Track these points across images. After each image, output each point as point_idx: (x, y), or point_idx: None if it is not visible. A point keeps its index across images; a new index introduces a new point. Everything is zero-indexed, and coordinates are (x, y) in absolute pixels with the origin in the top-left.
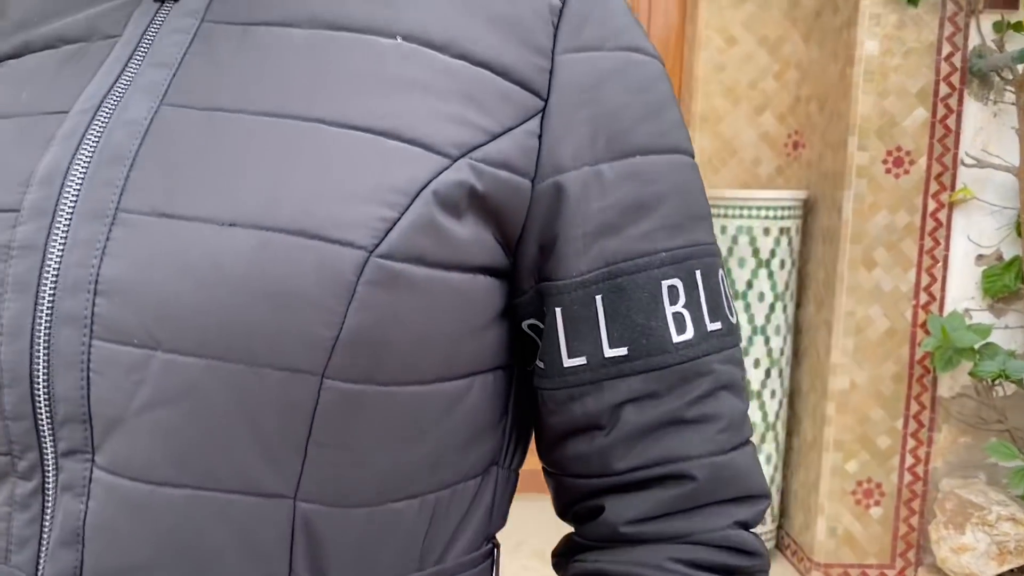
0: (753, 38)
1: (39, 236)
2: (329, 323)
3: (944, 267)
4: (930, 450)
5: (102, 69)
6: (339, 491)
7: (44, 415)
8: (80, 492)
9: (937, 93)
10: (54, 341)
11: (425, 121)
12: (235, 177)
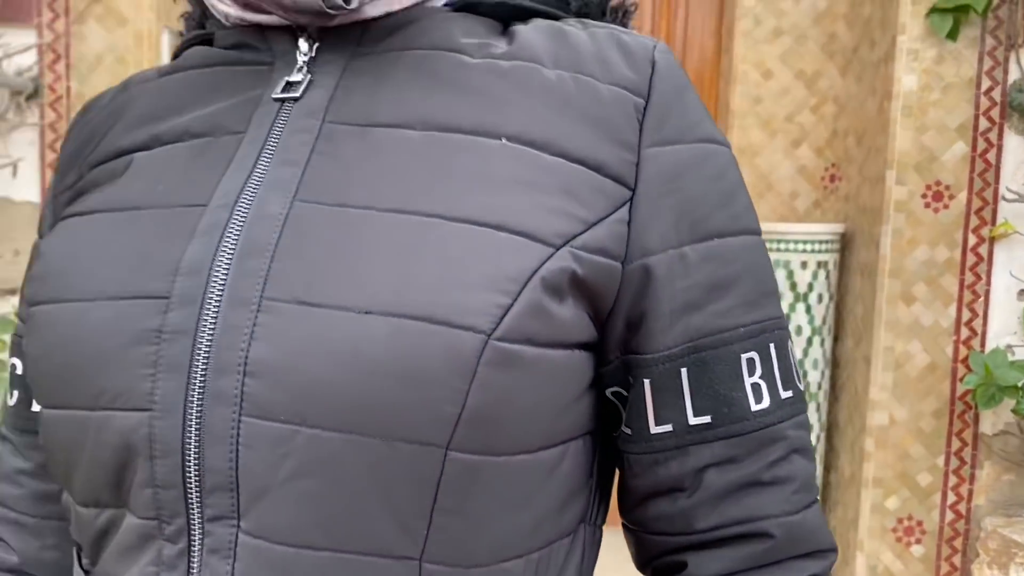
0: (790, 72)
1: (189, 322)
2: (453, 400)
3: (985, 302)
4: (972, 487)
5: (233, 165)
6: (458, 553)
7: (193, 484)
8: (227, 555)
9: (977, 127)
10: (206, 417)
11: (531, 214)
12: (367, 268)
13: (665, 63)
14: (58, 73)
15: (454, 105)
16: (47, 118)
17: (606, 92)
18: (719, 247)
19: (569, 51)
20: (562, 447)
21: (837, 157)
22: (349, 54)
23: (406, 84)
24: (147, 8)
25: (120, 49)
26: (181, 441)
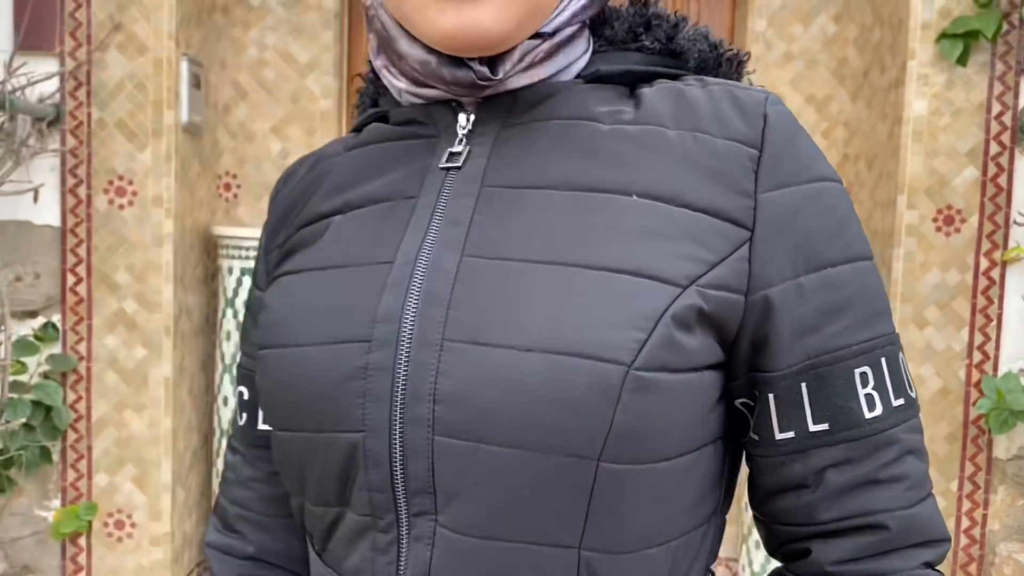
0: (800, 96)
1: (388, 360)
2: (602, 421)
3: (998, 326)
4: (987, 512)
5: (410, 226)
6: (610, 543)
7: (400, 488)
8: (427, 543)
9: (988, 152)
10: (407, 437)
11: (660, 260)
12: (525, 312)
13: (776, 115)
14: (79, 100)
15: (591, 168)
16: (68, 144)
17: (723, 147)
18: (832, 275)
19: (688, 111)
20: (697, 453)
21: (848, 181)
22: (500, 124)
23: (549, 150)
24: (166, 37)
25: (140, 76)
26: (388, 456)
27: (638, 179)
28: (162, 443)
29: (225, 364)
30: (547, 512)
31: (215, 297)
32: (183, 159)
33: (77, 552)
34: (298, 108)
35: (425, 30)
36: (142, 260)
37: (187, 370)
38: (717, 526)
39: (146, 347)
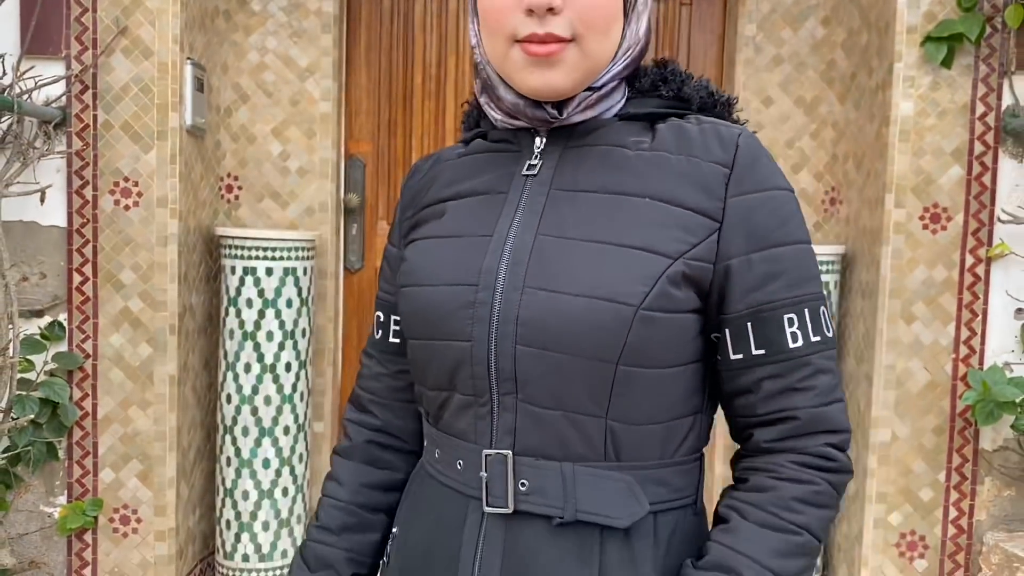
0: (789, 99)
1: (489, 298)
2: (619, 340)
3: (983, 321)
4: (974, 503)
5: (502, 213)
6: (624, 417)
7: (493, 378)
8: (511, 412)
9: (972, 152)
10: (499, 345)
11: (661, 241)
12: (574, 272)
13: (744, 144)
14: (85, 103)
15: (620, 179)
16: (74, 146)
17: (706, 167)
18: (774, 253)
19: (686, 142)
20: (683, 367)
21: (837, 181)
22: (563, 146)
23: (593, 167)
24: (171, 41)
25: (145, 80)
26: (486, 357)
27: (649, 188)
28: (167, 439)
29: (228, 362)
30: (584, 394)
31: (217, 296)
32: (187, 161)
33: (83, 547)
34: (298, 111)
35: (519, 84)
36: (147, 260)
37: (191, 368)
38: (703, 422)
39: (151, 345)
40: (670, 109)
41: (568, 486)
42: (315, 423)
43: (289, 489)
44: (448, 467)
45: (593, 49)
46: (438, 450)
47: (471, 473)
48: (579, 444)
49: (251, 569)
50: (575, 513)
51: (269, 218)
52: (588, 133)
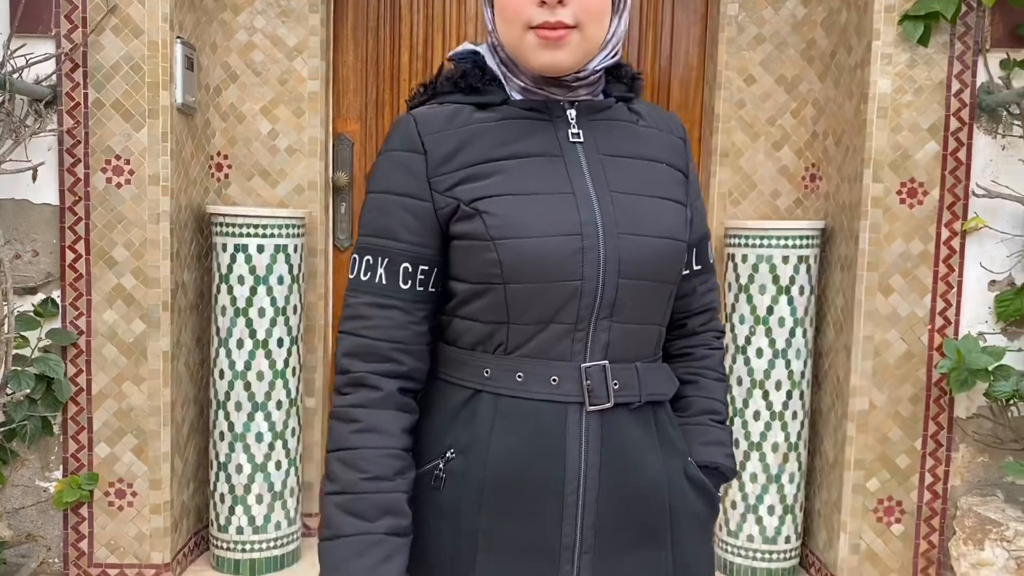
0: (771, 77)
1: (595, 244)
2: (679, 267)
3: (958, 293)
4: (948, 469)
5: (570, 173)
6: (664, 322)
7: (596, 307)
8: (605, 331)
9: (948, 128)
10: (606, 281)
11: (679, 195)
12: (648, 219)
13: (679, 122)
14: (76, 81)
15: (641, 148)
16: (65, 125)
17: (674, 140)
18: (699, 202)
19: (654, 120)
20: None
21: (817, 158)
22: (587, 119)
23: (620, 137)
24: (160, 19)
25: (135, 58)
26: (594, 291)
27: (658, 155)
28: (161, 414)
29: (221, 338)
30: (656, 309)
31: (208, 274)
32: (178, 139)
33: (79, 521)
34: (286, 90)
35: (531, 63)
36: (139, 237)
37: (183, 344)
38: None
39: (144, 321)
40: (628, 94)
41: (641, 379)
42: (307, 398)
43: (282, 463)
44: (540, 384)
45: (591, 35)
46: (520, 374)
47: (570, 385)
48: (645, 347)
49: (245, 541)
50: (645, 397)
51: (259, 196)
52: (600, 110)
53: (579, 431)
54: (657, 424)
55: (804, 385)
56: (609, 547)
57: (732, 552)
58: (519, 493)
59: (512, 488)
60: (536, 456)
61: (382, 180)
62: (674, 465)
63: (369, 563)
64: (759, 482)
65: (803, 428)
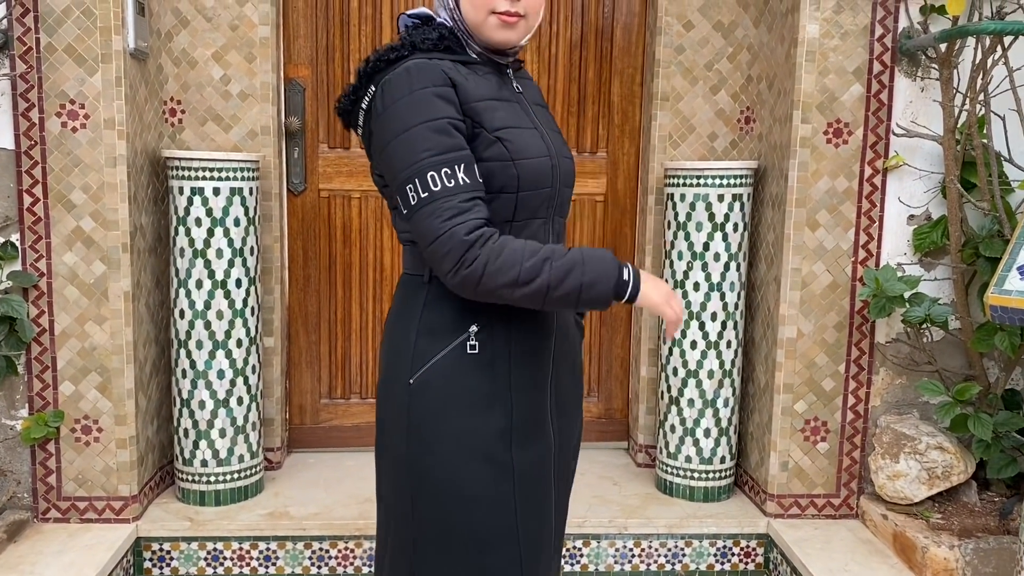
0: (708, 23)
1: (556, 162)
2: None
3: (879, 227)
4: (869, 391)
5: (527, 114)
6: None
7: (555, 204)
8: (556, 225)
9: (871, 71)
10: (561, 186)
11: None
12: (564, 148)
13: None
14: (27, 26)
15: (538, 97)
16: (18, 69)
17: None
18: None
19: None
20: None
21: (751, 101)
22: (518, 78)
23: (532, 90)
24: None
25: (87, 3)
26: (555, 196)
27: (543, 102)
28: (124, 352)
29: (180, 279)
30: (568, 208)
31: (166, 217)
32: (131, 84)
33: (47, 456)
34: (237, 35)
35: (490, 39)
36: (97, 180)
37: (143, 285)
38: None
39: (104, 263)
40: (520, 60)
41: None
42: (265, 338)
43: (244, 398)
44: None
45: (531, 23)
46: None
47: None
48: (561, 235)
49: (209, 473)
50: None
51: (212, 141)
52: (518, 71)
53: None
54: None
55: (738, 316)
56: (560, 385)
57: (671, 473)
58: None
59: (531, 346)
60: (534, 319)
61: (429, 109)
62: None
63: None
64: (696, 407)
65: (737, 356)
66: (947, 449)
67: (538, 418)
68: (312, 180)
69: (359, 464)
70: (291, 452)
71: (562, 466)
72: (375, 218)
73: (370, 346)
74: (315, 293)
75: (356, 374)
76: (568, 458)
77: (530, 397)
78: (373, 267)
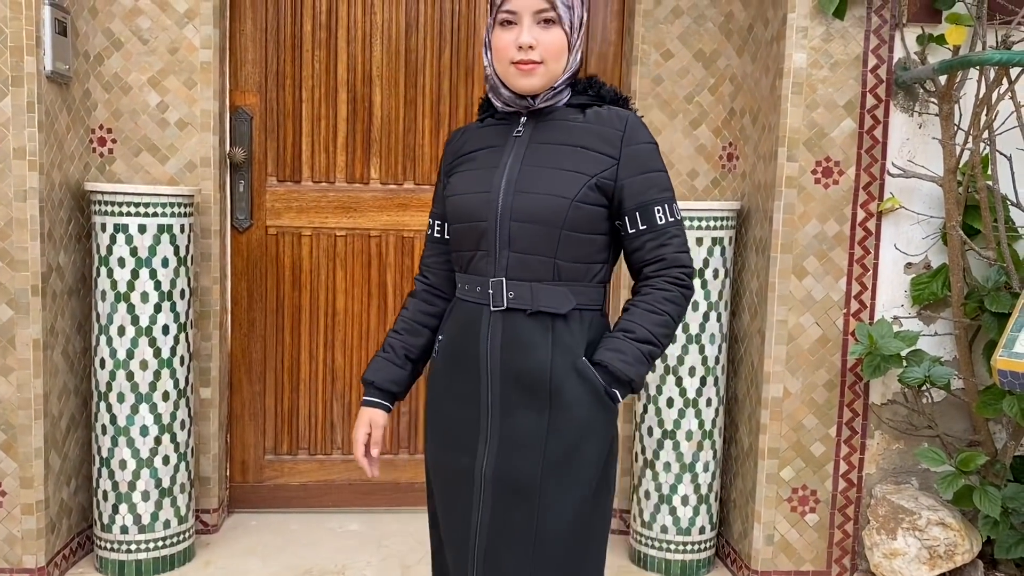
0: (689, 52)
1: (496, 198)
2: (562, 216)
3: (874, 276)
4: (863, 457)
5: (503, 155)
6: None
7: (497, 241)
8: (505, 257)
9: (864, 105)
10: (502, 222)
11: (585, 168)
12: (540, 183)
13: (631, 119)
14: None
15: (564, 137)
16: None
17: (610, 131)
18: (649, 175)
19: (599, 118)
20: (595, 235)
21: (734, 136)
22: (535, 122)
23: (552, 130)
24: None
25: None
26: (495, 229)
27: (579, 142)
28: (32, 407)
29: (101, 325)
30: (544, 244)
31: (90, 256)
32: (48, 110)
33: None
34: (176, 59)
35: (513, 85)
36: (4, 215)
37: (60, 331)
38: (607, 268)
39: (11, 307)
40: (593, 101)
41: (534, 294)
42: (201, 389)
43: (171, 457)
44: (471, 292)
45: (552, 68)
46: (466, 284)
47: (484, 292)
48: (540, 272)
49: (130, 541)
50: (536, 307)
51: (147, 173)
52: (548, 114)
53: (487, 324)
54: (553, 328)
55: (719, 371)
56: (507, 404)
57: (646, 544)
58: (459, 364)
59: (455, 361)
60: (466, 340)
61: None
62: (563, 360)
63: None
64: (673, 471)
65: (718, 415)
66: (950, 526)
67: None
68: (259, 216)
69: (305, 528)
70: (232, 512)
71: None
72: (327, 257)
73: (320, 398)
74: (260, 339)
75: (304, 428)
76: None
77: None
78: (325, 311)
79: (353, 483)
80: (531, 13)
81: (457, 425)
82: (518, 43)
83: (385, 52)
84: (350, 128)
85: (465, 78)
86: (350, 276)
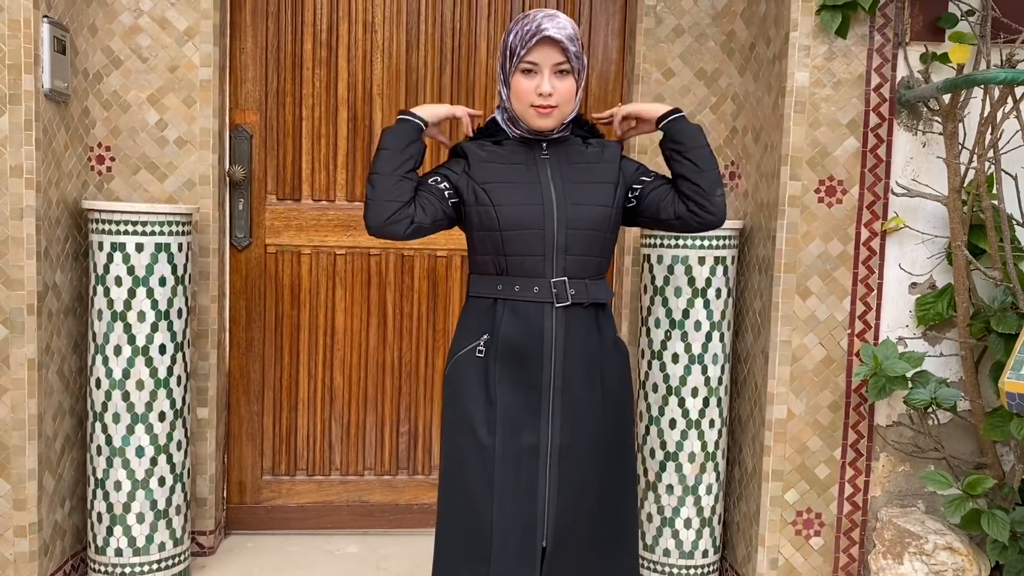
0: (690, 71)
1: (551, 210)
2: (607, 221)
3: (878, 296)
4: (868, 479)
5: (540, 175)
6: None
7: (552, 247)
8: (563, 260)
9: (867, 123)
10: (559, 229)
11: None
12: (583, 195)
13: (617, 147)
14: None
15: (583, 158)
16: None
17: (611, 153)
18: (641, 168)
19: (600, 145)
20: (615, 232)
21: (736, 155)
22: (555, 148)
23: (572, 153)
24: None
25: None
26: (553, 236)
27: (594, 160)
28: (26, 428)
29: (97, 344)
30: (595, 247)
31: (87, 274)
32: (45, 128)
33: None
34: (176, 77)
35: (530, 125)
36: (0, 234)
37: (56, 351)
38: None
39: (7, 326)
40: (586, 135)
41: (588, 289)
42: (198, 408)
43: (166, 479)
44: (527, 292)
45: (564, 110)
46: (517, 285)
47: (545, 291)
48: (590, 270)
49: (124, 564)
50: (590, 299)
51: (146, 191)
52: (562, 142)
53: (552, 318)
54: (598, 318)
55: (722, 392)
56: (567, 384)
57: (648, 567)
58: (518, 354)
59: (517, 354)
60: (528, 334)
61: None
62: (606, 341)
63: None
64: (675, 494)
65: (721, 437)
66: (958, 550)
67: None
68: (258, 234)
69: (303, 550)
70: (229, 534)
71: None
72: (327, 276)
73: (318, 418)
74: (259, 358)
75: (303, 448)
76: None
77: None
78: (324, 330)
79: (351, 504)
80: (551, 65)
81: (519, 410)
82: (539, 91)
83: (386, 70)
84: (351, 146)
85: (465, 97)
86: (350, 295)
